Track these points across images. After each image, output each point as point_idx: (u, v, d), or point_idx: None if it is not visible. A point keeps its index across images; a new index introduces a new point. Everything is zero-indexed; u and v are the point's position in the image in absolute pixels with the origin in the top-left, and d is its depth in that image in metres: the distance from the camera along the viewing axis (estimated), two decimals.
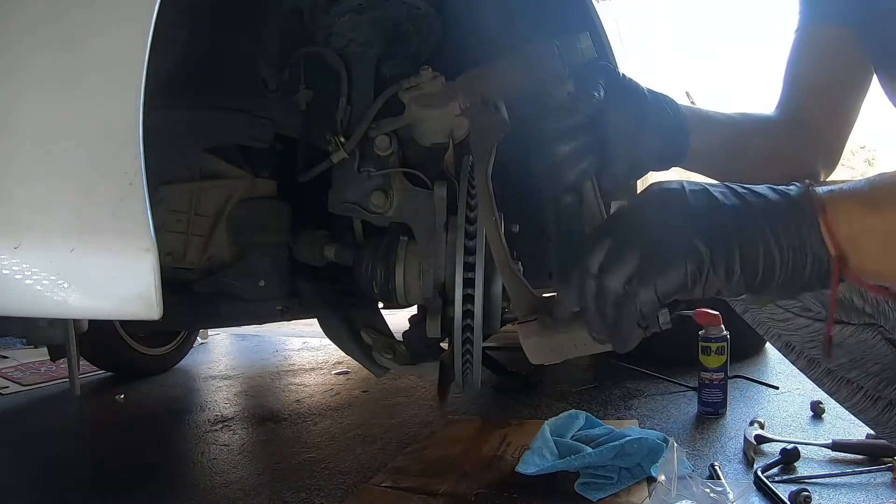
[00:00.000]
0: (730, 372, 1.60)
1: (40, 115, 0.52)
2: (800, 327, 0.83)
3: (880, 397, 0.85)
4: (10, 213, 0.50)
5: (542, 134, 0.66)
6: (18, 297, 0.49)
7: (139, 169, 0.51)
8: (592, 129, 0.66)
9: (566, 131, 0.66)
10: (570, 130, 0.66)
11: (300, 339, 3.34)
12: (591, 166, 0.67)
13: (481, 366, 0.87)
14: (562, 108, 0.66)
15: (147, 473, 1.35)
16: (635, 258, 0.48)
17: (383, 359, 0.99)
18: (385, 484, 1.15)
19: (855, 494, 1.06)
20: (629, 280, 0.48)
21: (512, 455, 1.26)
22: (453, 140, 0.94)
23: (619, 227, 0.51)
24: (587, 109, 0.66)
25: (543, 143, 0.66)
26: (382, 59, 1.07)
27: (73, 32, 0.53)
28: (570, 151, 0.66)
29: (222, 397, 2.05)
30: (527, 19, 1.13)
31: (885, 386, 0.84)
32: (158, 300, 0.51)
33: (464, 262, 0.82)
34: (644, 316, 0.48)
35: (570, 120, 0.66)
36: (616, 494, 1.05)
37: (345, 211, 0.97)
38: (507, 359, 2.14)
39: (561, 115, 0.66)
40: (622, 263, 0.48)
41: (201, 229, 1.06)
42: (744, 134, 0.80)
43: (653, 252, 0.47)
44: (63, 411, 2.02)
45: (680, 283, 0.46)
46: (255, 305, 1.11)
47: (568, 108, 0.66)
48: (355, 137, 0.94)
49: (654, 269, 0.47)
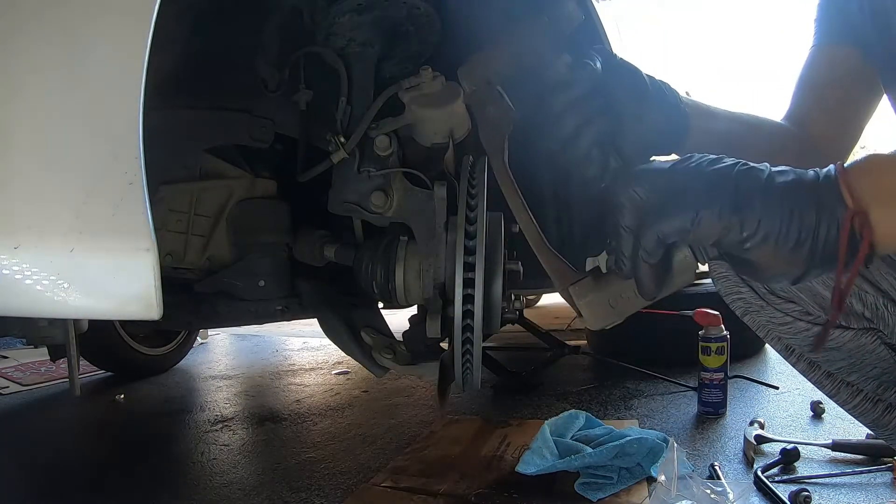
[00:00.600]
0: (730, 372, 1.59)
1: (40, 116, 0.52)
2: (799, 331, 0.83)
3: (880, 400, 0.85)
4: (10, 213, 0.50)
5: (549, 110, 0.65)
6: (18, 297, 0.49)
7: (139, 169, 0.51)
8: (597, 98, 0.66)
9: (572, 102, 0.65)
10: (577, 101, 0.65)
11: (300, 339, 3.34)
12: (605, 133, 0.66)
13: (481, 366, 0.87)
14: (562, 81, 0.66)
15: (147, 473, 1.35)
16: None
17: (383, 359, 0.99)
18: (385, 484, 1.15)
19: (855, 494, 1.05)
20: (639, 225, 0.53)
21: (512, 455, 1.26)
22: (453, 140, 0.94)
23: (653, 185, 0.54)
24: (588, 79, 0.65)
25: (551, 120, 0.65)
26: (382, 59, 1.07)
27: (73, 32, 0.53)
28: (581, 121, 0.65)
29: (222, 397, 2.06)
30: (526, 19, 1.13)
31: (884, 389, 0.84)
32: (158, 300, 0.51)
33: (464, 262, 0.82)
34: (648, 252, 0.52)
35: (573, 91, 0.65)
36: (616, 494, 1.05)
37: (345, 211, 0.97)
38: (507, 359, 2.15)
39: (563, 88, 0.65)
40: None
41: (201, 229, 1.06)
42: (744, 131, 0.81)
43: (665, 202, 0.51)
44: (63, 411, 2.03)
45: (679, 227, 0.50)
46: (255, 305, 1.11)
47: (568, 80, 0.66)
48: (355, 137, 0.94)
49: (657, 216, 0.51)
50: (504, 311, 0.90)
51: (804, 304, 0.80)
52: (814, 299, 0.79)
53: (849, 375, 0.86)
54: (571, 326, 2.96)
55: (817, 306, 0.80)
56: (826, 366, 0.87)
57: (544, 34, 0.67)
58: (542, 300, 4.49)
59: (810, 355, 0.87)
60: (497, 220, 0.92)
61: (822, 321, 0.82)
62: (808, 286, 0.78)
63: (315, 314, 1.09)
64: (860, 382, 0.85)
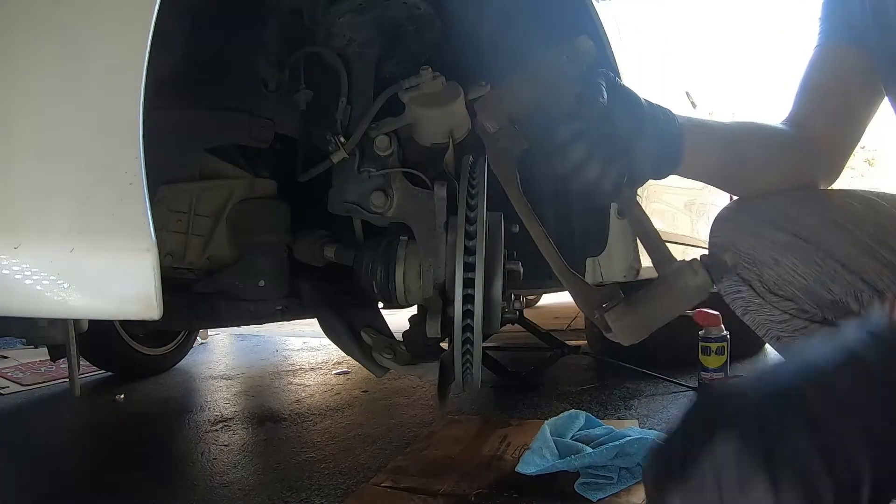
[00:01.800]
0: (730, 372, 1.60)
1: (41, 116, 0.52)
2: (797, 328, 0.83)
3: None
4: (11, 213, 0.50)
5: (557, 138, 0.67)
6: (18, 297, 0.50)
7: (139, 169, 0.51)
8: (604, 126, 0.67)
9: (578, 134, 0.66)
10: (583, 133, 0.66)
11: (300, 339, 3.34)
12: (619, 165, 0.67)
13: (481, 366, 0.87)
14: (570, 112, 0.68)
15: (147, 473, 1.35)
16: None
17: (383, 359, 0.99)
18: (385, 484, 1.15)
19: None
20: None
21: (512, 455, 1.26)
22: (453, 140, 0.94)
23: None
24: (594, 112, 0.67)
25: (558, 147, 0.67)
26: (382, 59, 1.07)
27: (73, 33, 0.53)
28: (585, 153, 0.66)
29: (222, 397, 2.06)
30: (526, 19, 1.13)
31: None
32: (158, 300, 0.52)
33: (464, 262, 0.82)
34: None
35: (580, 123, 0.67)
36: (616, 494, 1.05)
37: (345, 211, 0.97)
38: (507, 359, 2.14)
39: (570, 120, 0.67)
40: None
41: (201, 229, 1.06)
42: (741, 143, 0.82)
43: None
44: (63, 411, 2.03)
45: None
46: (255, 305, 1.11)
47: (575, 112, 0.67)
48: (355, 137, 0.94)
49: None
50: (504, 311, 0.90)
51: (801, 301, 0.81)
52: (811, 297, 0.80)
53: None
54: (571, 326, 2.96)
55: (813, 304, 0.81)
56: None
57: (563, 73, 0.69)
58: (542, 300, 4.49)
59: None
60: (497, 220, 0.92)
61: (818, 318, 0.82)
62: (806, 285, 0.78)
63: (315, 314, 1.09)
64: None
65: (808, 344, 0.46)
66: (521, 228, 0.97)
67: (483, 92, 0.95)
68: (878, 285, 0.75)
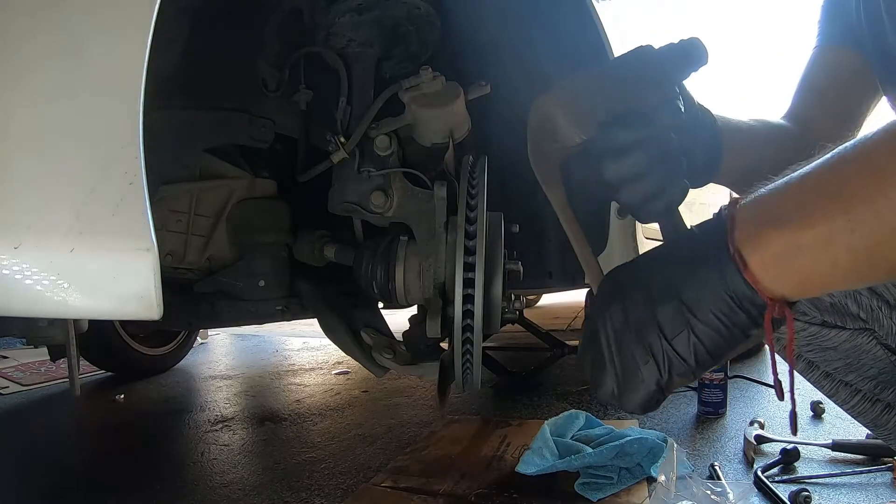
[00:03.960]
0: (730, 372, 1.60)
1: (41, 116, 0.52)
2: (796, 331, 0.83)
3: (878, 399, 0.85)
4: (11, 213, 0.50)
5: (611, 140, 0.59)
6: (18, 297, 0.50)
7: (139, 169, 0.51)
8: (667, 143, 0.60)
9: (638, 143, 0.59)
10: (643, 143, 0.59)
11: (300, 339, 3.34)
12: (679, 188, 0.61)
13: (481, 366, 0.87)
14: (640, 116, 0.60)
15: (147, 473, 1.35)
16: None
17: (383, 359, 0.99)
18: (385, 484, 1.15)
19: (855, 494, 1.06)
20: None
21: (512, 455, 1.26)
22: (453, 140, 0.94)
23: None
24: (671, 122, 0.61)
25: (610, 153, 0.59)
26: (382, 59, 1.07)
27: (73, 33, 0.53)
28: (642, 166, 0.59)
29: (222, 397, 2.06)
30: (526, 19, 1.13)
31: (882, 389, 0.84)
32: (158, 300, 0.52)
33: (464, 262, 0.82)
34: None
35: (646, 130, 0.59)
36: (616, 494, 1.05)
37: (345, 211, 0.97)
38: (507, 359, 2.15)
39: (633, 124, 0.59)
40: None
41: (201, 229, 1.06)
42: (761, 146, 0.80)
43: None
44: (63, 411, 2.03)
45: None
46: (255, 305, 1.11)
47: (647, 118, 0.60)
48: (355, 137, 0.94)
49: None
50: (504, 311, 0.90)
51: (800, 304, 0.81)
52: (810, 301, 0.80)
53: (846, 375, 0.86)
54: (571, 326, 2.96)
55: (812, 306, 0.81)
56: (824, 366, 0.87)
57: (662, 77, 0.62)
58: (542, 300, 4.49)
59: (808, 355, 0.88)
60: (497, 220, 0.92)
61: (817, 321, 0.82)
62: None
63: (315, 314, 1.09)
64: (858, 382, 0.86)
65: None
66: (521, 228, 0.97)
67: (483, 92, 0.94)
68: (877, 288, 0.75)
